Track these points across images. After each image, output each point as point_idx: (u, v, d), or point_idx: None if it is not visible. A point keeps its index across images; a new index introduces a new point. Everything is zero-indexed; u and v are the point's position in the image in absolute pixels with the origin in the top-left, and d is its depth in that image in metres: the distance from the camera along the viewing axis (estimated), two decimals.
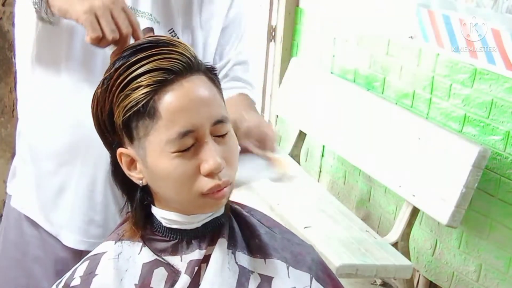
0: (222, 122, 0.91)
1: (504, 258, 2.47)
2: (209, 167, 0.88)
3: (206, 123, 0.89)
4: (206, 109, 0.89)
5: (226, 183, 0.91)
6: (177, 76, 0.88)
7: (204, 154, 0.89)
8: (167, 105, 0.87)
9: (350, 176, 3.39)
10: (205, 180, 0.89)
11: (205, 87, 0.91)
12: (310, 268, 1.00)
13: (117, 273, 0.94)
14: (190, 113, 0.88)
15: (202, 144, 0.89)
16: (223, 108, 0.93)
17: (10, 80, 3.26)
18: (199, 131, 0.88)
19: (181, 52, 0.90)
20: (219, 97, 0.94)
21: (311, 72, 3.51)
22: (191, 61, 0.90)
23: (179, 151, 0.88)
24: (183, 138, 0.88)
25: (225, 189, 0.91)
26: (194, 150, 0.89)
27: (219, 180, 0.89)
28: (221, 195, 0.91)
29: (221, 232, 0.97)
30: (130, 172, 0.94)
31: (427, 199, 2.56)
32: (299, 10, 3.75)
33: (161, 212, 0.96)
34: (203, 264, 0.94)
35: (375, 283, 3.07)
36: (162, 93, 0.88)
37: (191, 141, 0.88)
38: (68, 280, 0.98)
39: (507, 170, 2.43)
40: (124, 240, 0.98)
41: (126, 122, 0.90)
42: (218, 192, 0.90)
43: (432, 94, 2.78)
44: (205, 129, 0.89)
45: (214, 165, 0.88)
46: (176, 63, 0.88)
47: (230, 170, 0.92)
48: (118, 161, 0.94)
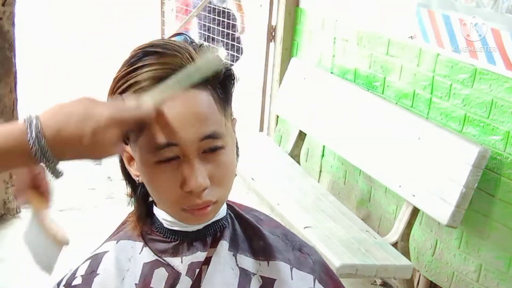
0: (211, 138, 0.87)
1: (504, 258, 2.47)
2: (189, 187, 0.86)
3: (193, 138, 0.86)
4: (196, 125, 0.86)
5: (207, 203, 0.88)
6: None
7: (187, 171, 0.86)
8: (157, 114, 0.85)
9: (350, 176, 3.39)
10: (186, 197, 0.88)
11: (203, 103, 0.87)
12: (313, 269, 1.00)
13: (119, 273, 0.94)
14: (177, 127, 0.85)
15: (187, 160, 0.86)
16: (219, 124, 0.89)
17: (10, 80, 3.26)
18: (183, 146, 0.86)
19: (184, 63, 0.86)
20: (217, 112, 0.89)
21: (311, 72, 3.51)
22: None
23: (160, 162, 0.86)
24: (165, 149, 0.86)
25: (208, 208, 0.89)
26: (179, 164, 0.87)
27: (199, 200, 0.87)
28: (202, 213, 0.89)
29: (222, 234, 0.97)
30: (129, 168, 0.95)
31: (427, 199, 2.56)
32: (299, 10, 3.75)
33: (162, 213, 0.96)
34: (204, 266, 0.94)
35: (375, 283, 3.07)
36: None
37: (174, 154, 0.86)
38: (69, 279, 0.98)
39: (507, 170, 2.43)
40: (125, 240, 0.98)
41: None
42: (199, 211, 0.89)
43: (432, 94, 2.78)
44: (191, 145, 0.86)
45: (195, 185, 0.85)
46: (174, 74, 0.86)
47: (217, 189, 0.89)
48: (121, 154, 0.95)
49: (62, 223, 0.93)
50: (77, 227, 3.39)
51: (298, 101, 3.54)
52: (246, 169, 3.27)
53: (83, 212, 3.60)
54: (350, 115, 3.12)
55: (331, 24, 3.45)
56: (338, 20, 3.39)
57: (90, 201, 3.73)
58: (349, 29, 3.31)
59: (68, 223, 3.44)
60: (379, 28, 3.08)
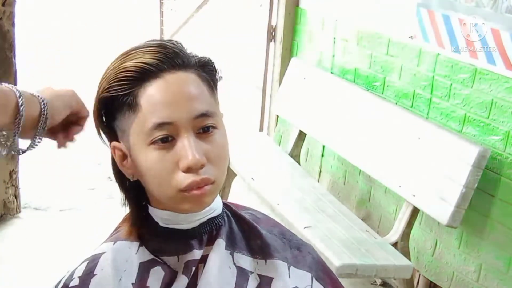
0: (205, 116, 0.89)
1: (504, 258, 2.47)
2: (187, 162, 0.87)
3: (186, 117, 0.88)
4: (188, 104, 0.88)
5: (205, 180, 0.89)
6: (161, 72, 0.89)
7: (183, 149, 0.87)
8: (147, 98, 0.88)
9: (350, 176, 3.39)
10: (184, 175, 0.88)
11: (192, 83, 0.90)
12: (311, 267, 1.00)
13: (116, 274, 0.94)
14: (169, 106, 0.87)
15: (182, 138, 0.88)
16: (211, 105, 0.92)
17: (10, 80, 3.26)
18: (177, 124, 0.88)
19: (169, 50, 0.90)
20: (207, 94, 0.92)
21: (311, 72, 3.51)
22: (178, 57, 0.90)
23: (157, 144, 0.88)
24: (159, 129, 0.87)
25: (206, 187, 0.89)
26: (173, 144, 0.88)
27: (197, 176, 0.88)
28: (201, 193, 0.89)
29: (219, 232, 0.97)
30: (122, 167, 0.95)
31: (427, 199, 2.56)
32: (299, 10, 3.75)
33: (157, 211, 0.96)
34: (200, 264, 0.94)
35: (375, 283, 3.07)
36: (144, 87, 0.89)
37: (168, 134, 0.88)
38: (67, 280, 0.98)
39: (507, 170, 2.43)
40: (122, 240, 0.98)
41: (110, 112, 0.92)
42: (198, 189, 0.89)
43: (432, 94, 2.78)
44: (185, 123, 0.88)
45: (192, 160, 0.86)
46: (161, 58, 0.89)
47: (214, 169, 0.90)
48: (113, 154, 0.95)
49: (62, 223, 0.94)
50: (77, 227, 3.39)
51: (298, 101, 3.54)
52: (246, 169, 3.27)
53: (83, 212, 3.60)
54: (350, 115, 3.12)
55: (331, 24, 3.45)
56: (338, 20, 3.39)
57: (90, 201, 3.73)
58: (349, 29, 3.31)
59: (68, 223, 3.44)
60: (379, 28, 3.08)
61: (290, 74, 3.66)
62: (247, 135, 3.93)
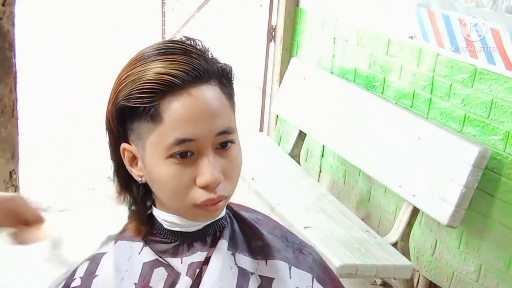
0: (226, 133, 0.89)
1: (504, 258, 2.47)
2: (205, 181, 0.86)
3: (208, 135, 0.87)
4: (211, 121, 0.87)
5: (220, 197, 0.89)
6: (186, 84, 0.86)
7: (203, 166, 0.87)
8: (171, 112, 0.86)
9: (350, 176, 3.39)
10: (200, 192, 0.88)
11: (215, 98, 0.88)
12: (312, 268, 1.00)
13: (117, 274, 0.94)
14: (193, 123, 0.86)
15: (202, 156, 0.87)
16: (230, 119, 0.91)
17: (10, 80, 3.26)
18: (199, 142, 0.87)
19: (195, 61, 0.87)
20: (228, 108, 0.91)
21: (311, 72, 3.51)
22: (204, 69, 0.87)
23: (176, 158, 0.87)
24: (180, 145, 0.86)
25: (220, 203, 0.90)
26: (193, 160, 0.88)
27: (214, 194, 0.88)
28: (215, 209, 0.90)
29: (222, 233, 0.97)
30: (131, 168, 0.95)
31: (427, 199, 2.56)
32: (299, 10, 3.75)
33: (162, 214, 0.96)
34: (204, 266, 0.94)
35: (375, 283, 3.07)
36: (167, 99, 0.86)
37: (189, 150, 0.87)
38: (68, 280, 0.98)
39: (507, 170, 2.43)
40: (124, 240, 0.98)
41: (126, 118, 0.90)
42: (212, 206, 0.89)
43: (432, 94, 2.78)
44: (207, 140, 0.87)
45: (211, 179, 0.86)
46: (186, 71, 0.86)
47: (228, 184, 0.90)
48: (121, 155, 0.94)
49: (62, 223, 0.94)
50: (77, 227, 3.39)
51: (298, 101, 3.54)
52: (246, 169, 3.25)
53: (83, 212, 3.60)
54: (350, 115, 3.12)
55: (331, 24, 3.45)
56: (338, 20, 3.39)
57: (90, 201, 3.72)
58: (349, 29, 3.31)
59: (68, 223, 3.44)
60: (379, 28, 3.08)
61: (290, 74, 3.66)
62: (247, 135, 3.93)
